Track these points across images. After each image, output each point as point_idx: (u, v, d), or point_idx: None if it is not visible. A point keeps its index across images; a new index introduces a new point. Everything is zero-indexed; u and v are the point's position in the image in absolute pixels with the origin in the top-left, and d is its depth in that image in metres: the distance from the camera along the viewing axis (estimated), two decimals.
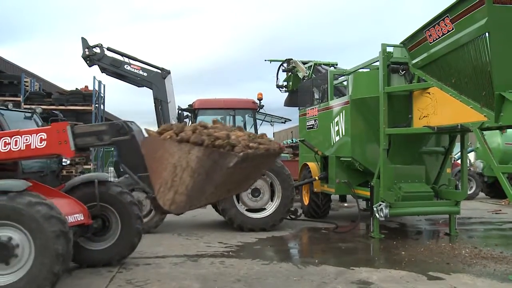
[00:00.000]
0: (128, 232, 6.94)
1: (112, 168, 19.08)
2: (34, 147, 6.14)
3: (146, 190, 6.08)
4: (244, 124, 11.86)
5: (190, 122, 11.73)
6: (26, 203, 5.06)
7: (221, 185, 5.14)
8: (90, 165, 16.52)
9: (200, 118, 11.47)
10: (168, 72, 11.61)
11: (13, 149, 6.15)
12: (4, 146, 6.14)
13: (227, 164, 4.99)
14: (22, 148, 6.15)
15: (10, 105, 7.88)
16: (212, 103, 11.74)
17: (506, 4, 5.80)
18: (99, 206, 6.75)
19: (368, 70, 10.66)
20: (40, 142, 6.16)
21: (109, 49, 11.65)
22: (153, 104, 11.84)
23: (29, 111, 8.28)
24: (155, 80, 11.62)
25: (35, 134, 6.20)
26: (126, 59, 11.72)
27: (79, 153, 6.52)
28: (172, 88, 11.70)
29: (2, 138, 6.17)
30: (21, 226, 5.03)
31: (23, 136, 6.17)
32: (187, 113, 11.78)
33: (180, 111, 11.57)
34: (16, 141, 6.16)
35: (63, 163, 9.63)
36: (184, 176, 4.91)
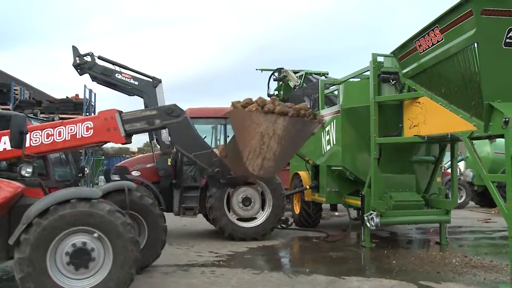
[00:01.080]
0: (154, 242, 6.95)
1: (102, 177, 18.98)
2: (80, 136, 6.22)
3: (203, 167, 6.48)
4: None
5: None
6: (107, 210, 5.15)
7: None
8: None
9: None
10: (159, 81, 11.59)
11: (56, 140, 6.18)
12: (47, 138, 6.15)
13: (312, 131, 6.05)
14: (67, 138, 6.20)
15: (38, 114, 7.95)
16: (203, 112, 11.72)
17: (494, 15, 5.86)
18: (128, 214, 6.78)
19: (359, 79, 10.72)
20: (87, 131, 6.24)
21: (100, 57, 11.62)
22: None
23: (47, 118, 8.33)
24: (146, 89, 11.58)
25: (80, 124, 6.27)
26: (117, 68, 11.68)
27: (128, 140, 6.62)
28: (163, 97, 11.66)
29: (45, 130, 6.19)
30: (100, 231, 5.08)
31: (67, 126, 6.21)
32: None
33: None
34: (59, 132, 6.20)
35: (85, 172, 9.70)
36: (271, 144, 5.54)
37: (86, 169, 10.17)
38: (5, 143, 5.99)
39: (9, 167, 6.62)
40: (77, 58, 11.55)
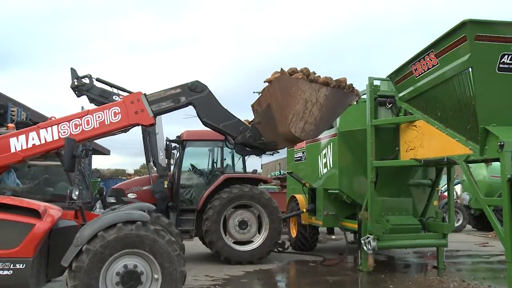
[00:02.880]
0: None
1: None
2: (108, 122, 6.36)
3: (232, 136, 6.75)
4: (232, 156, 11.85)
5: (178, 153, 11.70)
6: (152, 230, 5.32)
7: None
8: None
9: (188, 150, 11.46)
10: None
11: (85, 129, 6.31)
12: (76, 128, 6.28)
13: (350, 102, 6.67)
14: (95, 126, 6.34)
15: None
16: (200, 135, 11.73)
17: (487, 41, 5.95)
18: None
19: (356, 103, 10.77)
20: (115, 116, 6.39)
21: (98, 79, 11.65)
22: (141, 135, 11.80)
23: None
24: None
25: (107, 110, 6.42)
26: (115, 90, 11.71)
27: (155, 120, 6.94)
28: (161, 119, 11.68)
29: (72, 121, 6.30)
30: (147, 252, 5.27)
31: (94, 114, 6.35)
32: (175, 144, 11.76)
33: (168, 142, 11.55)
34: (87, 120, 6.34)
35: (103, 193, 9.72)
36: (313, 110, 6.12)
37: (104, 191, 10.21)
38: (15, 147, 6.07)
39: None
40: (75, 80, 11.57)
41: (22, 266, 5.02)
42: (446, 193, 11.73)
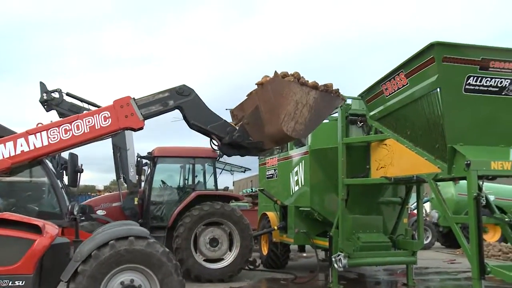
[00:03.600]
0: None
1: None
2: (99, 127, 6.40)
3: (219, 136, 7.03)
4: (204, 173, 11.79)
5: (149, 170, 11.58)
6: (146, 244, 5.29)
7: None
8: None
9: (159, 166, 11.37)
10: None
11: (75, 134, 6.31)
12: (66, 133, 6.26)
13: (336, 105, 7.16)
14: (86, 131, 6.34)
15: None
16: (171, 151, 11.66)
17: (454, 63, 6.11)
18: None
19: (327, 121, 10.88)
20: (105, 121, 6.44)
21: (68, 94, 11.49)
22: (112, 151, 11.65)
23: None
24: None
25: (97, 115, 6.44)
26: (85, 105, 11.57)
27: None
28: (132, 135, 11.58)
29: (62, 126, 6.27)
30: (143, 266, 5.24)
31: (84, 119, 6.36)
32: (146, 160, 11.65)
33: (139, 159, 11.43)
34: (77, 125, 6.35)
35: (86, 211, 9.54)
36: (303, 111, 6.53)
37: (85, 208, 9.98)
38: None
39: None
40: (45, 94, 11.38)
41: (22, 283, 4.94)
42: (415, 211, 11.89)
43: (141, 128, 6.92)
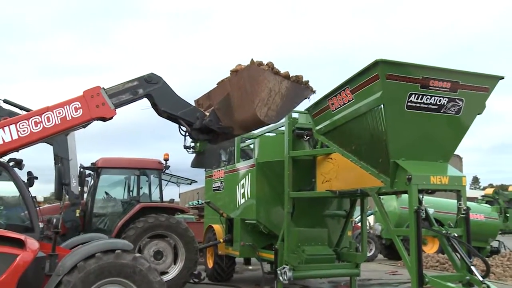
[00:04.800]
0: None
1: None
2: (70, 118, 6.31)
3: (189, 122, 7.27)
4: (149, 185, 11.60)
5: (93, 181, 11.27)
6: (132, 258, 5.27)
7: None
8: None
9: (103, 178, 11.08)
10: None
11: (46, 126, 6.17)
12: (36, 126, 6.11)
13: (306, 95, 7.45)
14: (57, 122, 6.23)
15: None
16: (116, 162, 11.40)
17: (397, 80, 6.30)
18: None
19: (274, 134, 10.97)
20: (76, 112, 6.37)
21: (5, 101, 11.00)
22: (53, 161, 11.26)
23: None
24: (56, 136, 11.12)
25: (67, 106, 6.33)
26: (25, 113, 11.13)
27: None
28: (75, 145, 11.22)
29: (31, 119, 6.11)
30: (128, 281, 5.22)
31: (54, 110, 6.22)
32: (90, 171, 11.33)
33: (82, 169, 11.10)
34: (48, 117, 6.22)
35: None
36: (276, 98, 6.89)
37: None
38: None
39: None
40: None
41: None
42: (359, 224, 12.12)
43: (111, 118, 6.88)
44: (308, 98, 7.77)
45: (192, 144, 16.97)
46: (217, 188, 12.43)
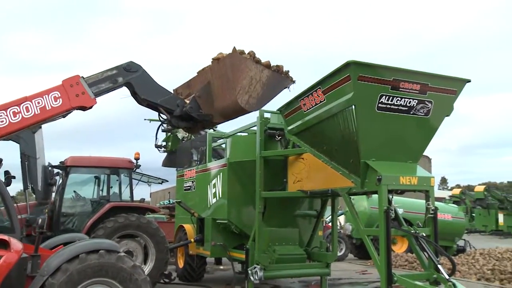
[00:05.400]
0: None
1: None
2: (50, 108, 6.22)
3: (169, 109, 7.33)
4: (120, 184, 11.44)
5: (61, 180, 11.06)
6: (116, 257, 5.26)
7: None
8: None
9: (72, 176, 10.88)
10: (39, 127, 10.94)
11: (25, 116, 6.06)
12: (14, 116, 6.01)
13: (286, 85, 7.71)
14: (36, 112, 6.13)
15: None
16: (85, 161, 11.21)
17: (368, 82, 6.36)
18: None
19: (246, 134, 10.96)
20: (55, 101, 6.31)
21: None
22: (19, 159, 11.00)
23: None
24: (22, 133, 10.88)
25: (46, 95, 6.24)
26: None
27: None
28: (43, 144, 11.00)
29: (9, 109, 6.00)
30: (113, 280, 5.19)
31: (33, 100, 6.13)
32: (58, 170, 11.11)
33: (50, 168, 10.88)
34: (27, 107, 6.11)
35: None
36: (257, 87, 7.10)
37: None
38: None
39: None
40: None
41: None
42: (330, 224, 12.22)
43: (91, 107, 6.81)
44: (288, 88, 7.98)
45: (164, 144, 16.95)
46: (189, 187, 12.36)
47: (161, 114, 7.61)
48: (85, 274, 5.11)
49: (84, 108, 6.79)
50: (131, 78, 7.05)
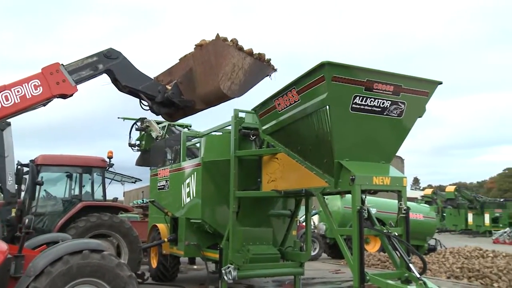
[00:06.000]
0: None
1: None
2: (30, 96, 6.11)
3: (151, 95, 7.34)
4: (92, 183, 11.28)
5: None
6: (100, 256, 5.23)
7: None
8: None
9: (43, 175, 10.69)
10: (8, 124, 10.68)
11: (5, 105, 5.94)
12: None
13: (267, 73, 7.86)
14: (16, 101, 6.02)
15: None
16: (57, 160, 11.02)
17: (342, 82, 6.40)
18: None
19: (221, 133, 10.93)
20: (36, 89, 6.19)
21: None
22: None
23: None
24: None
25: (26, 84, 6.12)
26: None
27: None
28: (12, 141, 10.76)
29: None
30: (99, 279, 5.17)
31: (12, 89, 6.01)
32: (28, 168, 10.89)
33: (19, 167, 10.65)
34: (6, 96, 6.00)
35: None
36: (239, 73, 7.22)
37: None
38: None
39: None
40: None
41: None
42: (304, 223, 12.27)
43: (72, 95, 6.74)
44: (269, 76, 8.06)
45: (137, 142, 16.74)
46: (162, 186, 12.26)
47: (142, 101, 7.58)
48: (69, 276, 5.07)
49: (65, 96, 6.71)
50: (112, 65, 7.01)
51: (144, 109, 7.74)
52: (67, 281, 5.05)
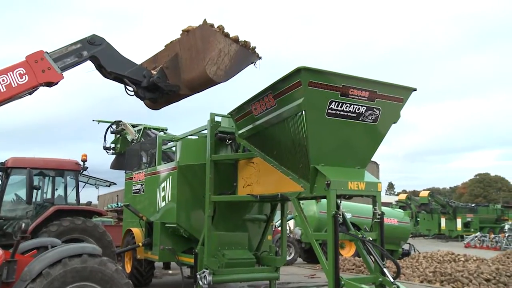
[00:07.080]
0: None
1: None
2: (16, 85, 6.06)
3: (136, 80, 7.38)
4: (65, 186, 11.09)
5: (1, 182, 10.61)
6: (99, 261, 5.25)
7: None
8: None
9: (13, 178, 10.47)
10: None
11: None
12: None
13: (252, 60, 8.05)
14: (2, 90, 5.97)
15: None
16: (28, 162, 10.79)
17: (318, 88, 6.43)
18: None
19: (197, 137, 10.87)
20: (21, 78, 6.14)
21: None
22: None
23: None
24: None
25: (11, 72, 6.08)
26: None
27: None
28: None
29: None
30: (96, 284, 5.17)
31: None
32: None
33: None
34: None
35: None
36: (225, 59, 7.36)
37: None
38: None
39: None
40: None
41: None
42: (280, 228, 12.28)
43: (57, 83, 6.69)
44: (254, 63, 8.22)
45: (113, 146, 16.55)
46: (137, 190, 12.14)
47: (127, 87, 7.58)
48: (67, 279, 5.06)
49: (51, 84, 6.65)
50: (96, 51, 6.99)
51: (129, 94, 7.74)
52: (65, 284, 5.05)
